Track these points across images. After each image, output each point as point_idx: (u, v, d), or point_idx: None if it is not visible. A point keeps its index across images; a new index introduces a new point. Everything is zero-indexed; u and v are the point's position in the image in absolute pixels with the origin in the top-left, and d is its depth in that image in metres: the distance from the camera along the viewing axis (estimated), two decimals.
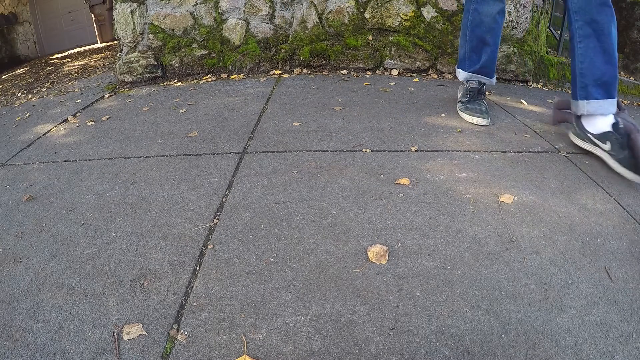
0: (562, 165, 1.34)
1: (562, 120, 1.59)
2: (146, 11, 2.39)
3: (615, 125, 1.31)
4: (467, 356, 0.72)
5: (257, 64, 2.48)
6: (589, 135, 1.37)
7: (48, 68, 4.60)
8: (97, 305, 0.83)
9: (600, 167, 1.36)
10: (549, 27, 2.75)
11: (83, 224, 1.10)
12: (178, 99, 2.05)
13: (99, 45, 6.49)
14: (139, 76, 2.44)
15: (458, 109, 1.74)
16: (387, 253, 0.94)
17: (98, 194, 1.24)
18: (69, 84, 2.99)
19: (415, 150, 1.39)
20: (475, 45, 1.70)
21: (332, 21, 2.39)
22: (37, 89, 3.13)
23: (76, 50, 6.21)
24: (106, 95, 2.30)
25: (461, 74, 1.80)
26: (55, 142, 1.68)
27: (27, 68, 5.28)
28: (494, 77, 1.79)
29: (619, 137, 1.28)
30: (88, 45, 6.54)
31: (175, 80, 2.44)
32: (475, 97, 1.71)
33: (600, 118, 1.35)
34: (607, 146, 1.31)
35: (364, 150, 1.40)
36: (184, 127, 1.68)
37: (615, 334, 0.76)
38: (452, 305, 0.81)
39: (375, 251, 0.94)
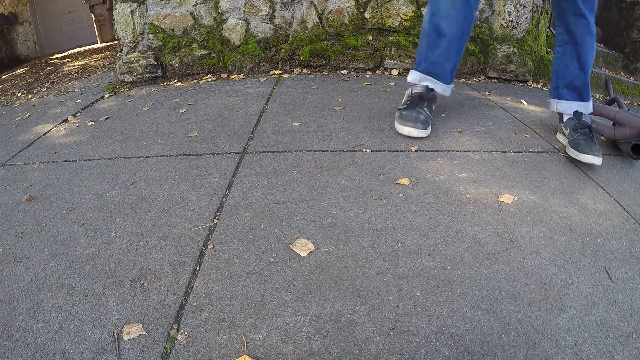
0: (562, 165, 1.34)
1: None
2: (146, 11, 2.39)
3: (576, 113, 1.46)
4: (467, 356, 0.72)
5: (257, 64, 2.48)
6: (561, 125, 1.52)
7: (48, 68, 4.59)
8: (97, 305, 0.83)
9: (600, 167, 1.36)
10: (549, 27, 2.75)
11: (83, 224, 1.10)
12: (178, 99, 2.05)
13: (99, 45, 6.49)
14: (139, 76, 2.44)
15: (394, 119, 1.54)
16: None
17: (98, 194, 1.24)
18: (69, 84, 2.99)
19: (415, 150, 1.39)
20: (432, 39, 1.47)
21: (332, 21, 2.39)
22: (37, 89, 3.13)
23: (76, 50, 6.21)
24: (106, 95, 2.30)
25: (410, 75, 1.56)
26: (55, 142, 1.68)
27: (27, 68, 5.28)
28: (450, 85, 1.54)
29: (576, 122, 1.43)
30: (88, 45, 6.54)
31: (175, 80, 2.43)
32: (415, 104, 1.49)
33: (568, 115, 1.50)
34: (567, 131, 1.45)
35: (364, 150, 1.40)
36: (184, 127, 1.68)
37: (615, 334, 0.76)
38: (452, 305, 0.81)
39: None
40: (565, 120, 1.49)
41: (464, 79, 2.29)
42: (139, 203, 1.17)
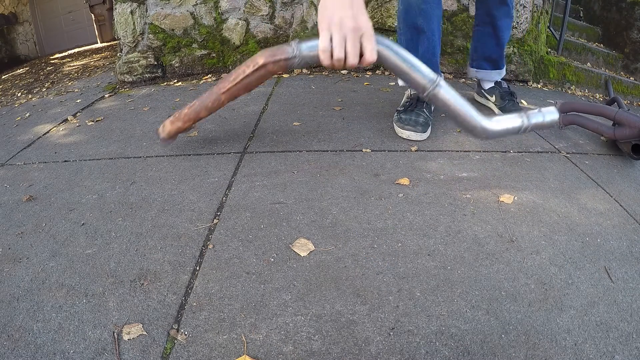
0: (562, 165, 1.34)
1: (569, 123, 1.60)
2: (146, 11, 2.39)
3: (497, 83, 1.72)
4: (467, 356, 0.72)
5: None
6: (482, 91, 1.78)
7: (48, 68, 4.60)
8: (97, 305, 0.83)
9: (600, 167, 1.36)
10: (549, 27, 2.75)
11: (83, 224, 1.10)
12: (178, 99, 2.05)
13: (99, 45, 6.49)
14: (139, 76, 2.44)
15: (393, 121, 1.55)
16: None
17: (98, 194, 1.24)
18: (69, 84, 2.99)
19: (415, 150, 1.39)
20: (410, 37, 1.47)
21: None
22: (37, 89, 3.13)
23: (76, 50, 6.21)
24: (106, 95, 2.30)
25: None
26: (55, 142, 1.68)
27: (27, 68, 5.28)
28: (441, 76, 1.54)
29: (500, 90, 1.69)
30: (88, 45, 6.54)
31: (175, 80, 2.44)
32: (413, 106, 1.50)
33: (489, 82, 1.76)
34: (493, 98, 1.72)
35: (364, 150, 1.40)
36: None
37: (615, 334, 0.76)
38: (452, 305, 0.81)
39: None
40: (487, 87, 1.75)
41: (464, 79, 2.29)
42: (139, 203, 1.17)
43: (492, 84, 1.73)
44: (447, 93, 1.00)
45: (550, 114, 1.08)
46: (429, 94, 1.00)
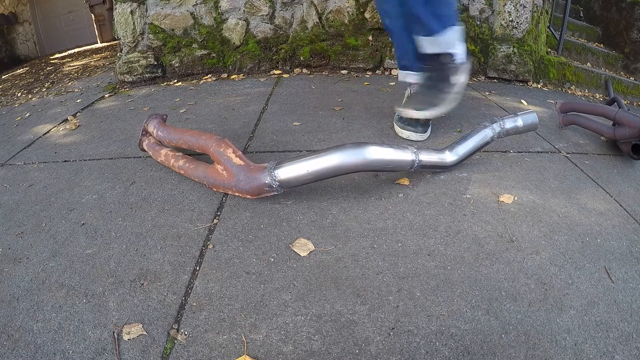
0: (562, 165, 1.34)
1: (569, 123, 1.61)
2: (146, 11, 2.39)
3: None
4: (467, 356, 0.72)
5: (257, 64, 2.48)
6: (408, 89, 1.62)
7: (48, 68, 4.60)
8: (97, 305, 0.83)
9: (600, 167, 1.36)
10: (549, 27, 2.75)
11: (83, 224, 1.10)
12: (178, 99, 2.05)
13: (99, 45, 6.49)
14: (139, 76, 2.44)
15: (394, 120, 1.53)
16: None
17: (98, 194, 1.24)
18: (69, 84, 2.99)
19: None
20: (391, 37, 1.47)
21: (332, 21, 2.38)
22: (37, 89, 3.13)
23: (76, 50, 6.21)
24: (106, 95, 2.30)
25: (400, 74, 1.58)
26: (55, 142, 1.68)
27: (27, 68, 5.28)
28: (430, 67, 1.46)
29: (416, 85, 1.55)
30: (88, 45, 6.54)
31: (175, 80, 2.43)
32: None
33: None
34: (407, 92, 1.58)
35: None
36: (183, 127, 1.68)
37: (615, 334, 0.76)
38: (452, 305, 0.81)
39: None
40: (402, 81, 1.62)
41: None
42: (139, 203, 1.17)
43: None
44: (427, 160, 1.17)
45: (512, 120, 1.27)
46: (415, 169, 1.15)
